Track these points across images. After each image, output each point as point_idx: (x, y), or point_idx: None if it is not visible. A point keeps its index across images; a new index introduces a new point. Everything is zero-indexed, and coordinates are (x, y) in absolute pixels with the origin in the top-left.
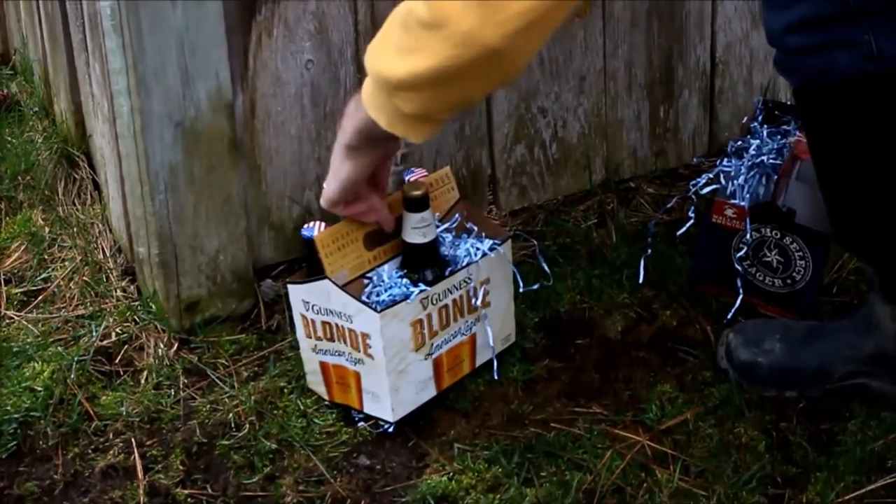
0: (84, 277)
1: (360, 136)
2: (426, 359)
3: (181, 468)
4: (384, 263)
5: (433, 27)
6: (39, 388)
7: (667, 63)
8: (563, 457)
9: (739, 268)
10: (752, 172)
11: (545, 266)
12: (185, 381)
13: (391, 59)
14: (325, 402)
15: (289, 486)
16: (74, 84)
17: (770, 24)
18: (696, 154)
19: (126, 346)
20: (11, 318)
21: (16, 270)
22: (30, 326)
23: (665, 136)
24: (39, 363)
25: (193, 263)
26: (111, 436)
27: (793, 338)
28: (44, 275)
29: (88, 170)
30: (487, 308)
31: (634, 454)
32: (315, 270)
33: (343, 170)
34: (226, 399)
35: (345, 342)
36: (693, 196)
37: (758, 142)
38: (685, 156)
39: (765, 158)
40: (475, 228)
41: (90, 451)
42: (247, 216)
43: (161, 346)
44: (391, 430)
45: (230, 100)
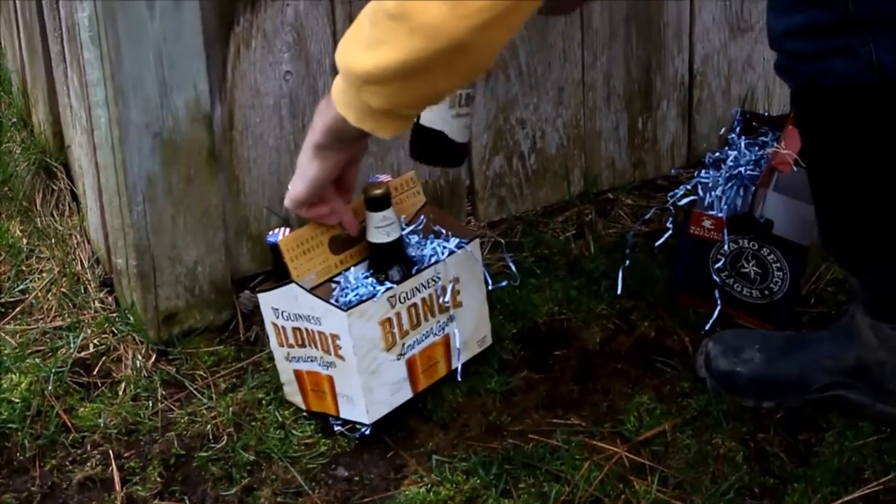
0: (62, 289)
1: (330, 135)
2: (398, 359)
3: (159, 480)
4: (351, 267)
5: (399, 18)
6: (17, 400)
7: (645, 74)
8: (542, 468)
9: (717, 279)
10: (730, 184)
11: (512, 266)
12: (163, 393)
13: (360, 53)
14: (304, 414)
15: (267, 498)
16: (52, 95)
17: (772, 28)
18: (675, 165)
19: (104, 358)
20: None
21: None
22: (7, 338)
23: (643, 148)
24: (17, 375)
25: (171, 275)
26: (89, 447)
27: (772, 348)
28: (21, 286)
29: (66, 181)
30: (459, 308)
31: (612, 465)
32: (281, 276)
33: (311, 169)
34: (204, 411)
35: (315, 346)
36: (671, 207)
37: (735, 153)
38: (663, 167)
39: (742, 170)
40: (443, 231)
41: (68, 463)
42: (225, 227)
43: (139, 358)
44: (368, 434)
45: (208, 111)
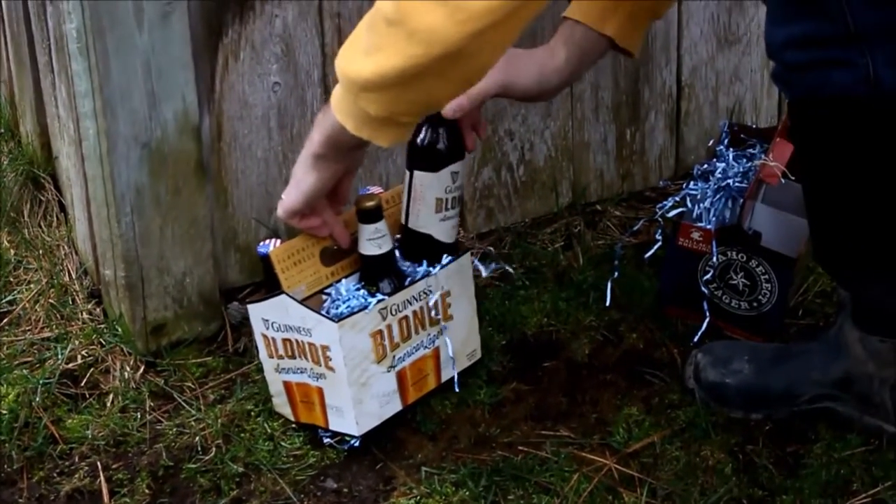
0: (50, 300)
1: (328, 144)
2: (389, 371)
3: (147, 492)
4: (342, 279)
5: (397, 24)
6: (4, 412)
7: (633, 86)
8: (531, 480)
9: (706, 290)
10: (718, 195)
11: (510, 269)
12: (152, 404)
13: (358, 59)
14: (293, 425)
15: None
16: (40, 106)
17: (770, 38)
18: (663, 177)
19: (92, 369)
20: None
21: None
22: None
23: (631, 159)
24: (4, 386)
25: (160, 286)
26: (77, 459)
27: (761, 359)
28: (9, 297)
29: (54, 192)
30: (450, 321)
31: (601, 477)
32: (272, 287)
33: (307, 180)
34: (192, 422)
35: (306, 357)
36: (659, 219)
37: (724, 165)
38: (651, 179)
39: (731, 181)
40: None
41: (55, 475)
42: (213, 238)
43: (127, 369)
44: (357, 445)
45: (196, 122)
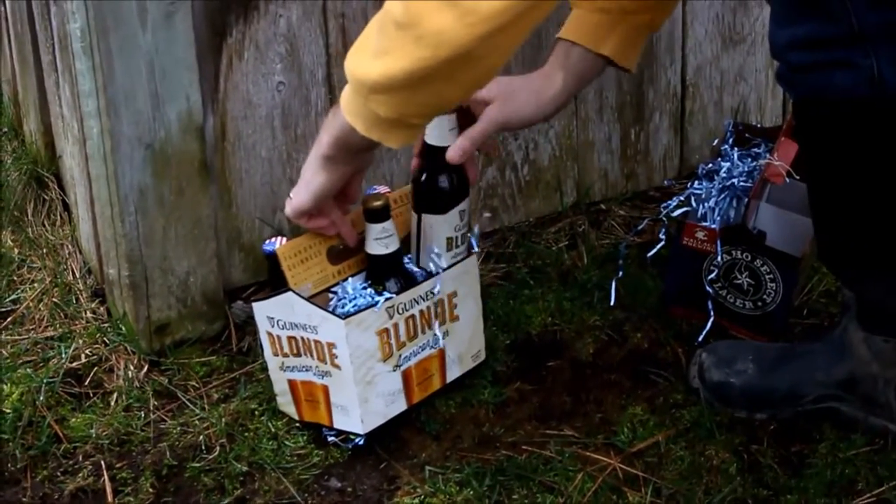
0: (53, 299)
1: (338, 146)
2: (395, 370)
3: (151, 491)
4: (349, 278)
5: (406, 27)
6: (8, 411)
7: (637, 86)
8: (535, 479)
9: (710, 290)
10: (723, 195)
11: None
12: (156, 404)
13: (367, 61)
14: (296, 424)
15: None
16: (44, 105)
17: (774, 39)
18: (667, 176)
19: (96, 368)
20: None
21: None
22: None
23: (636, 159)
24: (8, 385)
25: (163, 285)
26: (81, 458)
27: (765, 359)
28: (13, 296)
29: (58, 191)
30: (456, 322)
31: (606, 476)
32: (278, 285)
33: (316, 181)
34: (196, 421)
35: (311, 355)
36: (664, 218)
37: (728, 164)
38: (656, 178)
39: (735, 181)
40: None
41: (59, 474)
42: (217, 238)
43: (131, 368)
44: (362, 444)
45: (200, 122)
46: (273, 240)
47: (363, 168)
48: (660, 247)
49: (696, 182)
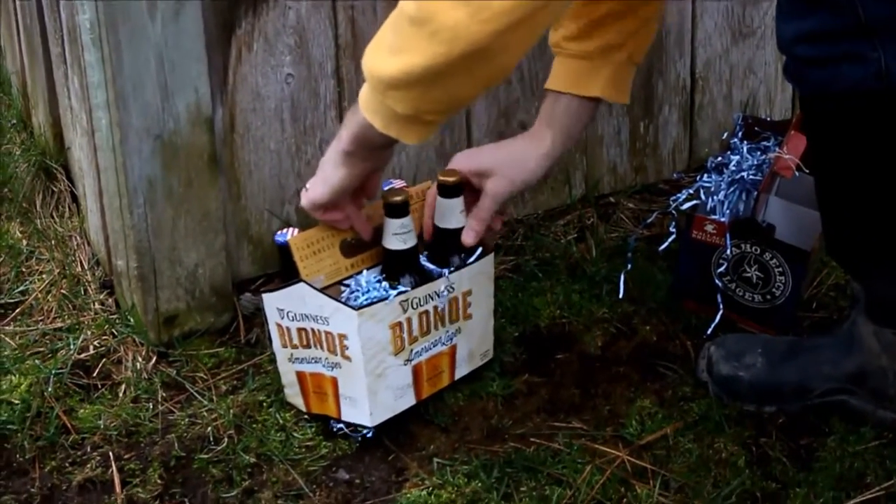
0: (62, 290)
1: (357, 142)
2: (405, 364)
3: (159, 482)
4: (363, 272)
5: (421, 24)
6: (17, 402)
7: (647, 79)
8: (543, 472)
9: (719, 283)
10: (732, 188)
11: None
12: (164, 395)
13: (383, 58)
14: (304, 416)
15: (267, 501)
16: (53, 97)
17: (781, 32)
18: (676, 170)
19: (104, 360)
20: None
21: None
22: (7, 339)
23: (645, 152)
24: (17, 376)
25: (172, 277)
26: (89, 449)
27: (774, 353)
28: (21, 287)
29: (66, 182)
30: (469, 320)
31: (614, 469)
32: (289, 276)
33: (336, 176)
34: (204, 413)
35: (321, 347)
36: (673, 211)
37: (738, 157)
38: (665, 171)
39: (745, 174)
40: None
41: (67, 465)
42: (226, 230)
43: (139, 360)
44: (370, 436)
45: (209, 114)
46: (285, 230)
47: (382, 165)
48: (669, 240)
49: (706, 175)
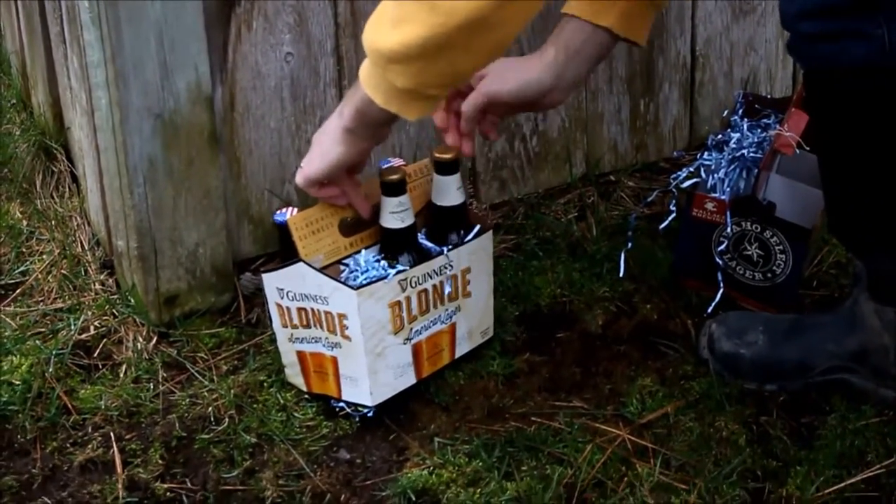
0: (62, 271)
1: (357, 118)
2: (405, 343)
3: (160, 462)
4: (361, 250)
5: None
6: (17, 382)
7: (647, 57)
8: (544, 451)
9: (720, 261)
10: (733, 166)
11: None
12: (165, 375)
13: (384, 32)
14: (305, 396)
15: (269, 481)
16: (52, 76)
17: (785, 8)
18: (677, 148)
19: (105, 340)
20: None
21: None
22: (7, 320)
23: (645, 130)
24: (17, 357)
25: (173, 257)
26: (90, 430)
27: (775, 330)
28: (22, 268)
29: (66, 162)
30: (468, 298)
31: (615, 448)
32: (289, 256)
33: (334, 151)
34: (205, 393)
35: (321, 327)
36: (673, 189)
37: (738, 135)
38: (665, 149)
39: (745, 152)
40: None
41: (69, 445)
42: (226, 209)
43: (140, 340)
44: (370, 415)
45: (209, 93)
46: (284, 210)
47: (379, 141)
48: (670, 218)
49: (706, 153)
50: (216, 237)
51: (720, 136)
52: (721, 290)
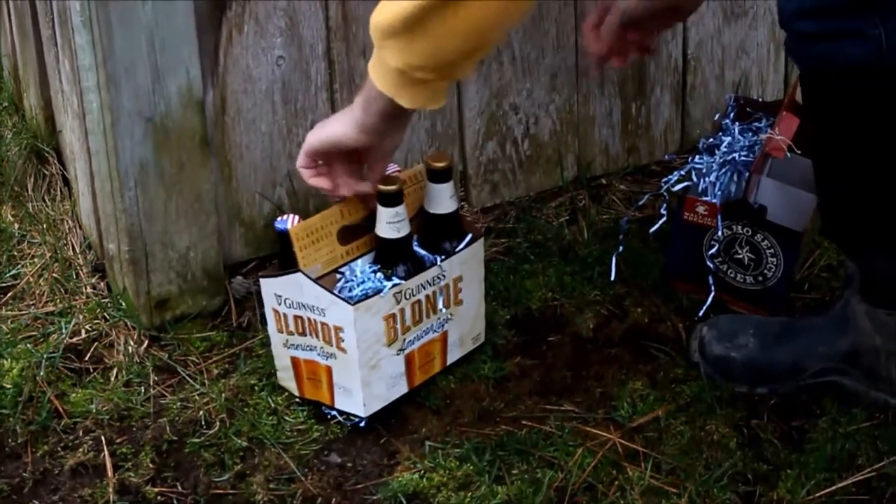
0: (54, 274)
1: (364, 105)
2: (398, 354)
3: (151, 466)
4: (357, 258)
5: None
6: (8, 386)
7: (639, 60)
8: (535, 454)
9: (711, 265)
10: (724, 169)
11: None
12: (156, 379)
13: (385, 8)
14: (296, 400)
15: (259, 484)
16: (44, 79)
17: (782, 7)
18: (668, 151)
19: (96, 344)
20: None
21: None
22: None
23: (637, 133)
24: (8, 360)
25: (164, 260)
26: (81, 433)
27: (766, 333)
28: (13, 271)
29: (58, 165)
30: (460, 306)
31: (606, 452)
32: (287, 264)
33: (333, 127)
34: (196, 396)
35: (317, 336)
36: (665, 193)
37: (729, 139)
38: (657, 153)
39: (736, 155)
40: None
41: (59, 449)
42: (217, 213)
43: (131, 344)
44: (362, 425)
45: (200, 96)
46: (285, 217)
47: (379, 143)
48: (661, 222)
49: (697, 156)
50: (207, 241)
51: (711, 140)
52: (712, 294)
